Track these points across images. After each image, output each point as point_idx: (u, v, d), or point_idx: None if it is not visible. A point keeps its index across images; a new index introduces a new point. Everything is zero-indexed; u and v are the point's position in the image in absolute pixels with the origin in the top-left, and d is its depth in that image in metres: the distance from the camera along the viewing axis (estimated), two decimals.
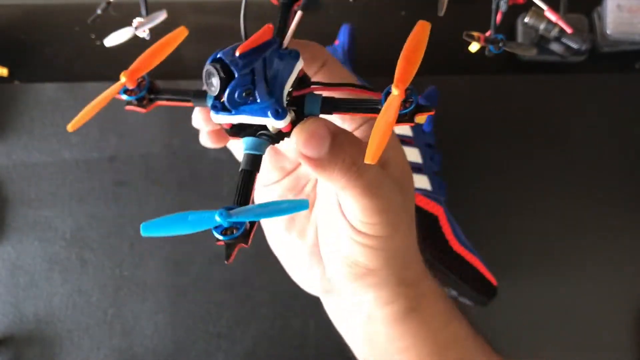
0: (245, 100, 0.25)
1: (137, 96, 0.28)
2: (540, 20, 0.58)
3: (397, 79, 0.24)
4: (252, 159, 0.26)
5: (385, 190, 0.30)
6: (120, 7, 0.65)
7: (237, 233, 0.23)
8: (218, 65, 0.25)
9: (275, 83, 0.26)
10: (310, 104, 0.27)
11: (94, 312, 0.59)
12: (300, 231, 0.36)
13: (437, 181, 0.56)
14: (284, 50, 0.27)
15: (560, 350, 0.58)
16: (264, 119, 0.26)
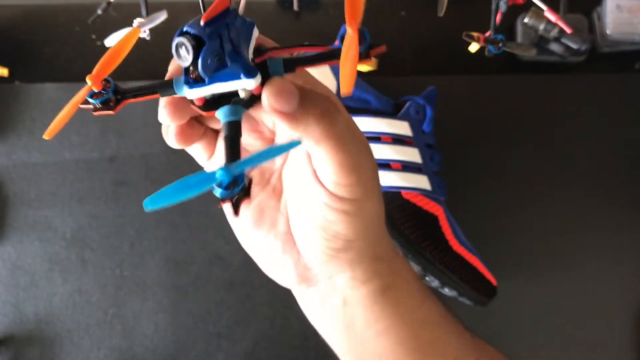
0: (217, 65, 0.27)
1: (102, 99, 0.29)
2: (539, 20, 0.58)
3: (348, 18, 0.26)
4: (232, 125, 0.27)
5: (356, 145, 0.31)
6: (121, 7, 0.66)
7: (238, 187, 0.24)
8: (188, 37, 0.26)
9: (240, 45, 0.27)
10: (273, 65, 0.29)
11: (94, 312, 0.59)
12: (271, 223, 0.36)
13: (437, 181, 0.56)
14: (241, 17, 0.28)
15: (560, 349, 0.58)
16: (236, 82, 0.27)
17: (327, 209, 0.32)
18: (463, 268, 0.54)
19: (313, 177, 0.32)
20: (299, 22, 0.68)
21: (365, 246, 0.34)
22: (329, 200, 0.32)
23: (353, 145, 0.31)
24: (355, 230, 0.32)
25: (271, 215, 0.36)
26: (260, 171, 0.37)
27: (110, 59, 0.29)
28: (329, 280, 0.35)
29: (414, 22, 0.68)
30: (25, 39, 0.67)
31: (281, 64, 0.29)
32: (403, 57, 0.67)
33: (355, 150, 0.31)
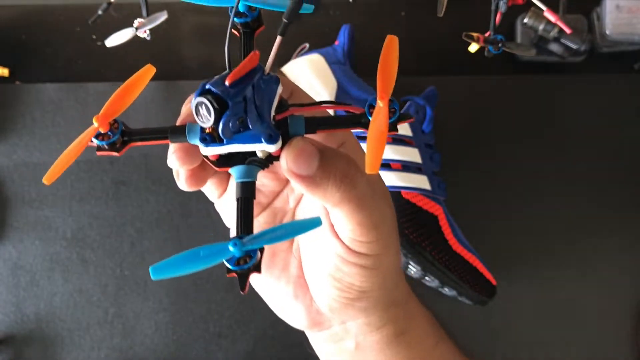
0: (238, 128, 0.25)
1: (109, 141, 0.28)
2: (539, 20, 0.58)
3: (380, 91, 0.25)
4: (246, 186, 0.26)
5: (377, 204, 0.30)
6: (121, 7, 0.66)
7: (250, 262, 0.23)
8: (210, 96, 0.25)
9: (264, 108, 0.26)
10: (295, 124, 0.28)
11: (95, 311, 0.59)
12: (283, 266, 0.35)
13: (436, 181, 0.56)
14: (266, 75, 0.27)
15: (560, 349, 0.59)
16: (256, 145, 0.26)
17: (343, 262, 0.31)
18: (463, 268, 0.54)
19: (330, 230, 0.31)
20: (299, 22, 0.68)
21: (380, 295, 0.33)
22: (346, 255, 0.31)
23: (373, 202, 0.30)
24: (372, 282, 0.31)
25: (283, 258, 0.35)
26: (273, 211, 0.36)
27: (120, 99, 0.27)
28: (341, 325, 0.35)
29: (414, 22, 0.68)
30: (25, 39, 0.67)
31: (303, 124, 0.28)
32: (403, 57, 0.66)
33: (375, 208, 0.30)
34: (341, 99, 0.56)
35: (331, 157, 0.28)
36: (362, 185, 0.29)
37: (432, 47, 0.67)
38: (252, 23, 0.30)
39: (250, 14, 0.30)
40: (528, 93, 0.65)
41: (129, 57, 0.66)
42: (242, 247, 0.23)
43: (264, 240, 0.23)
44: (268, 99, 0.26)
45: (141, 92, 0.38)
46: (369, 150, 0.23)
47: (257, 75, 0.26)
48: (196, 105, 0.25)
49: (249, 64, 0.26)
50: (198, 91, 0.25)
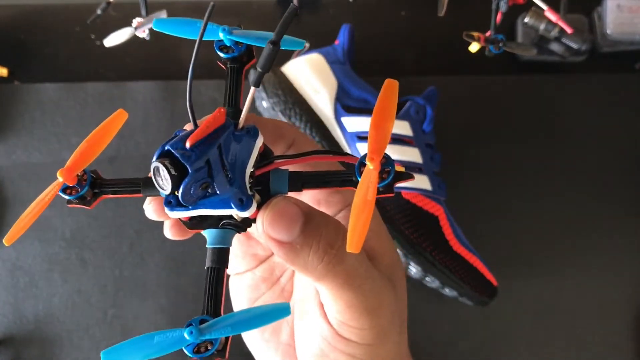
0: (203, 194, 0.23)
1: (77, 195, 0.25)
2: (540, 20, 0.58)
3: (370, 150, 0.21)
4: (218, 253, 0.23)
5: (373, 284, 0.26)
6: (120, 7, 0.65)
7: (212, 349, 0.21)
8: (167, 161, 0.22)
9: (235, 169, 0.23)
10: (277, 181, 0.24)
11: (94, 312, 0.59)
12: (274, 329, 0.32)
13: (437, 181, 0.56)
14: (240, 130, 0.24)
15: (560, 350, 0.58)
16: (226, 210, 0.23)
17: (329, 347, 0.27)
18: (463, 268, 0.54)
19: (318, 308, 0.27)
20: (299, 22, 0.68)
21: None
22: (333, 340, 0.27)
23: (369, 282, 0.25)
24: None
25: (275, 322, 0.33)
26: (270, 266, 0.33)
27: (87, 150, 0.24)
28: None
29: (415, 22, 0.68)
30: (25, 39, 0.67)
31: (286, 181, 0.24)
32: (403, 57, 0.67)
33: (372, 288, 0.26)
34: (342, 99, 0.56)
35: (317, 222, 0.24)
36: (353, 260, 0.24)
37: (432, 47, 0.67)
38: (241, 57, 0.27)
39: (238, 49, 0.26)
40: (528, 93, 0.65)
41: (128, 57, 0.66)
42: (199, 336, 0.21)
43: (224, 330, 0.21)
44: (242, 158, 0.23)
45: (141, 92, 0.38)
46: (352, 224, 0.20)
47: (225, 133, 0.23)
48: (154, 168, 0.22)
49: (214, 122, 0.22)
50: (158, 151, 0.22)
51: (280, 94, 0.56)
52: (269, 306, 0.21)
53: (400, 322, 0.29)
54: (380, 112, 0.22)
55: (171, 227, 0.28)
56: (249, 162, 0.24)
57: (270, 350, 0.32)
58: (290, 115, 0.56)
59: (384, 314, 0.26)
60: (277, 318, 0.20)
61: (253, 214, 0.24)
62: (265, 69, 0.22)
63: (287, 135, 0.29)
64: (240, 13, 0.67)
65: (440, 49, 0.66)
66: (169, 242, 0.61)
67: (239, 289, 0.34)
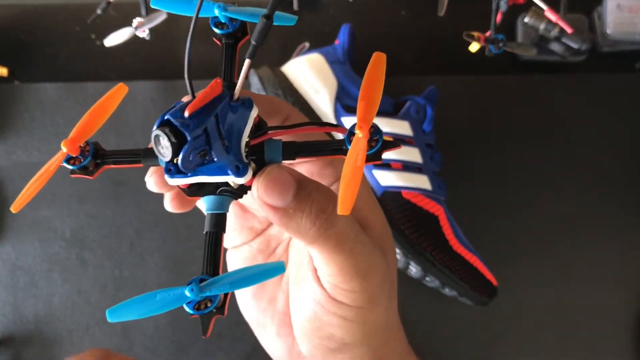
0: (201, 161, 0.24)
1: (80, 165, 0.26)
2: (540, 20, 0.58)
3: (359, 119, 0.23)
4: (216, 218, 0.25)
5: (364, 249, 0.27)
6: (121, 7, 0.65)
7: (211, 306, 0.22)
8: (167, 129, 0.23)
9: (232, 138, 0.24)
10: (271, 150, 0.26)
11: (94, 312, 0.59)
12: (271, 298, 0.33)
13: (437, 181, 0.56)
14: (235, 101, 0.25)
15: (560, 350, 0.58)
16: (223, 177, 0.24)
17: (322, 310, 0.28)
18: (463, 268, 0.54)
19: (312, 272, 0.28)
20: (299, 22, 0.68)
21: (364, 352, 0.30)
22: (325, 302, 0.28)
23: (359, 246, 0.27)
24: (354, 336, 0.29)
25: (272, 290, 0.33)
26: (267, 239, 0.34)
27: (91, 121, 0.25)
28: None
29: (414, 21, 0.68)
30: (25, 39, 0.67)
31: (280, 150, 0.26)
32: (403, 57, 0.67)
33: (362, 253, 0.27)
34: (342, 99, 0.56)
35: (309, 189, 0.25)
36: (343, 223, 0.25)
37: (432, 47, 0.67)
38: (235, 33, 0.28)
39: (232, 25, 0.27)
40: (528, 93, 0.65)
41: (128, 56, 0.66)
42: (199, 293, 0.22)
43: (223, 287, 0.22)
44: (237, 127, 0.25)
45: (140, 92, 0.37)
46: (342, 188, 0.21)
47: (222, 104, 0.24)
48: (154, 137, 0.23)
49: (211, 93, 0.24)
50: (158, 121, 0.23)
51: (280, 94, 0.56)
52: (265, 264, 0.22)
53: (389, 288, 0.30)
54: (369, 83, 0.23)
55: (172, 200, 0.29)
56: (245, 131, 0.25)
57: (267, 318, 0.33)
58: None
59: (374, 278, 0.27)
60: (273, 275, 0.21)
61: (249, 181, 0.25)
62: (259, 42, 0.24)
63: (281, 110, 0.30)
64: None
65: (440, 49, 0.66)
66: (169, 242, 0.61)
67: (236, 262, 0.35)
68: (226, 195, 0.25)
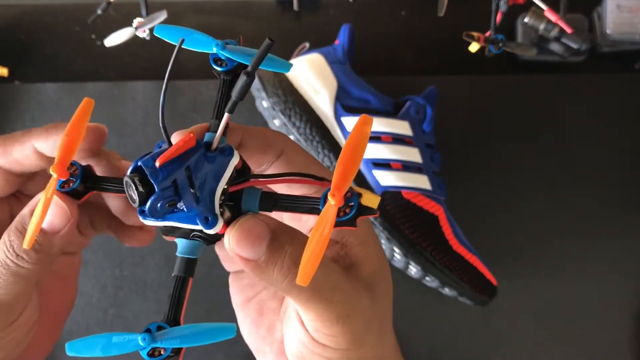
0: (170, 210, 0.24)
1: (71, 188, 0.27)
2: (540, 20, 0.58)
3: (333, 185, 0.22)
4: (186, 263, 0.26)
5: (343, 295, 0.26)
6: (121, 7, 0.66)
7: (164, 354, 0.23)
8: (137, 178, 0.23)
9: (204, 189, 0.24)
10: (248, 200, 0.26)
11: (94, 312, 0.59)
12: (269, 326, 0.33)
13: (437, 181, 0.56)
14: (212, 152, 0.25)
15: (560, 350, 0.58)
16: (193, 225, 0.25)
17: (307, 350, 0.28)
18: (463, 268, 0.54)
19: (294, 312, 0.28)
20: (299, 22, 0.68)
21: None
22: (309, 344, 0.27)
23: (338, 294, 0.26)
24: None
25: (270, 319, 0.33)
26: None
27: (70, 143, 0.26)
28: None
29: (414, 22, 0.68)
30: (25, 39, 0.67)
31: (257, 200, 0.26)
32: (403, 57, 0.67)
33: (341, 299, 0.26)
34: (342, 99, 0.56)
35: (282, 240, 0.25)
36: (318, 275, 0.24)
37: (432, 47, 0.67)
38: (235, 70, 0.28)
39: (231, 62, 0.28)
40: (528, 93, 0.65)
41: (128, 56, 0.66)
42: (151, 343, 0.22)
43: (173, 341, 0.22)
44: (213, 177, 0.25)
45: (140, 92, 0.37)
46: (304, 257, 0.21)
47: (195, 156, 0.24)
48: (125, 183, 0.24)
49: (183, 146, 0.24)
50: (132, 166, 0.24)
51: (280, 94, 0.56)
52: (216, 325, 0.22)
53: (378, 325, 0.29)
54: (351, 148, 0.22)
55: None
56: (221, 181, 0.25)
57: (266, 346, 0.33)
58: (290, 115, 0.56)
59: (357, 321, 0.27)
60: (221, 338, 0.22)
61: (221, 230, 0.25)
62: (239, 98, 0.24)
63: (275, 145, 0.29)
64: (240, 13, 0.67)
65: (440, 49, 0.66)
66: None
67: (236, 287, 0.36)
68: (198, 241, 0.26)
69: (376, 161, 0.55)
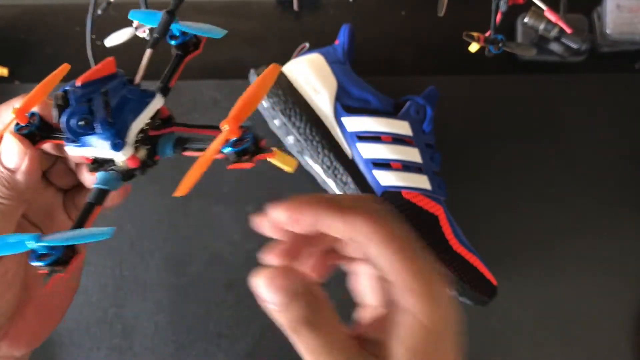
0: (85, 130, 0.26)
1: (27, 132, 0.30)
2: (540, 20, 0.58)
3: (230, 115, 0.24)
4: (98, 193, 0.28)
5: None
6: (121, 7, 0.65)
7: (48, 260, 0.24)
8: (60, 95, 0.26)
9: (120, 116, 0.26)
10: (163, 143, 0.29)
11: (94, 311, 0.59)
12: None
13: (437, 181, 0.56)
14: (135, 86, 0.27)
15: (560, 350, 0.58)
16: (105, 151, 0.26)
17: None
18: (463, 268, 0.54)
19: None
20: (299, 22, 0.68)
21: None
22: None
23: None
24: None
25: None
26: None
27: (36, 95, 0.29)
28: None
29: (414, 22, 0.68)
30: (25, 39, 0.67)
31: (172, 144, 0.29)
32: (403, 57, 0.67)
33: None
34: (342, 99, 0.56)
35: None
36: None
37: (432, 47, 0.67)
38: (187, 46, 0.31)
39: (182, 37, 0.31)
40: (528, 93, 0.65)
41: (128, 56, 0.66)
42: (38, 241, 0.23)
43: (58, 240, 0.23)
44: (131, 109, 0.27)
45: None
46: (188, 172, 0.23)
47: (114, 82, 0.27)
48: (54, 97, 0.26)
49: (102, 69, 0.27)
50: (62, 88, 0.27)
51: (280, 94, 0.56)
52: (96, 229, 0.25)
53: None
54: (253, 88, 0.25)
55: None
56: (140, 117, 0.27)
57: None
58: (290, 115, 0.56)
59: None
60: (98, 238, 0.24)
61: (132, 163, 0.28)
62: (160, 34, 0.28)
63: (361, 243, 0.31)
64: (240, 13, 0.67)
65: (440, 49, 0.66)
66: (169, 242, 0.61)
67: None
68: (113, 174, 0.28)
69: (376, 161, 0.55)
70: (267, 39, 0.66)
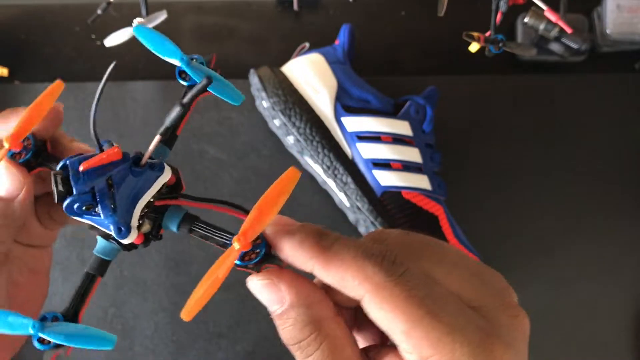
0: (89, 212, 0.25)
1: (23, 159, 0.29)
2: (540, 20, 0.58)
3: (242, 230, 0.22)
4: (100, 263, 0.27)
5: None
6: (121, 7, 0.66)
7: (52, 344, 0.23)
8: (59, 177, 0.25)
9: (124, 200, 0.25)
10: (170, 217, 0.27)
11: (94, 311, 0.59)
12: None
13: (437, 181, 0.56)
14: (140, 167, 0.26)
15: (560, 350, 0.58)
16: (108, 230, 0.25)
17: None
18: None
19: None
20: (299, 22, 0.68)
21: None
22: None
23: None
24: None
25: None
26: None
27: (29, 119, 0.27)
28: None
29: (414, 22, 0.68)
30: (25, 39, 0.67)
31: (178, 220, 0.27)
32: (403, 57, 0.67)
33: None
34: (342, 99, 0.56)
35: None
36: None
37: (432, 47, 0.67)
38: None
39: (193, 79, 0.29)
40: (528, 93, 0.65)
41: (128, 56, 0.66)
42: (39, 332, 0.22)
43: (59, 337, 0.23)
44: (137, 190, 0.26)
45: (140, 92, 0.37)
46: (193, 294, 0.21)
47: (119, 168, 0.25)
48: (52, 174, 0.25)
49: (107, 157, 0.25)
50: (62, 162, 0.25)
51: (280, 94, 0.56)
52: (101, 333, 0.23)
53: None
54: (271, 197, 0.22)
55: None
56: (145, 194, 0.26)
57: None
58: (291, 115, 0.56)
59: None
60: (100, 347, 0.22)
61: (137, 240, 0.26)
62: (172, 125, 0.26)
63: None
64: (240, 13, 0.67)
65: (440, 49, 0.66)
66: (169, 242, 0.61)
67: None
68: (115, 245, 0.27)
69: (376, 161, 0.55)
70: (267, 39, 0.66)
